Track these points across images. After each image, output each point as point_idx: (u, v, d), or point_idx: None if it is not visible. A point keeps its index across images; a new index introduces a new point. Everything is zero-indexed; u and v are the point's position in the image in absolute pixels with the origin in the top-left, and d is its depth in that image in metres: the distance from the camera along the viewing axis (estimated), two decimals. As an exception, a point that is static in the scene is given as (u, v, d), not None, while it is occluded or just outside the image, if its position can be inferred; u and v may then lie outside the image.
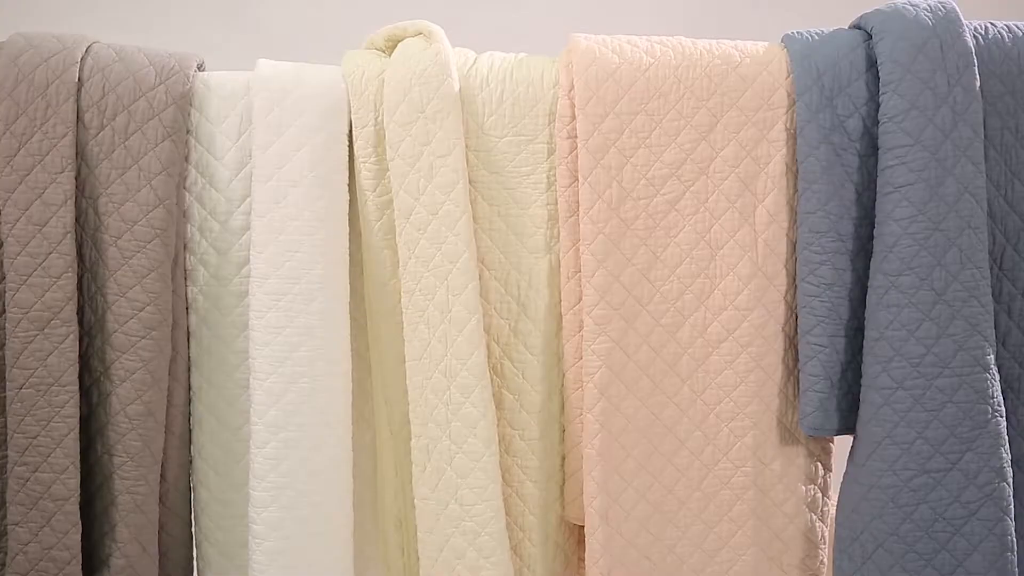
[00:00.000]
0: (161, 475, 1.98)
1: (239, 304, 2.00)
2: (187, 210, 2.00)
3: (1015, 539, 1.85)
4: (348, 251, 1.99)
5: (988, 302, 1.85)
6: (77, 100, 1.89)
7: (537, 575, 2.06)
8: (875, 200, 1.90)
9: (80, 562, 1.87)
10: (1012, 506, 1.84)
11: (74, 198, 1.86)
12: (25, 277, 1.83)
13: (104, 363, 1.91)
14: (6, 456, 1.87)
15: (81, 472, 1.89)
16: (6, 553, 1.88)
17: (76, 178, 1.88)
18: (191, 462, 2.06)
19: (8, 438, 1.85)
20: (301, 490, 1.90)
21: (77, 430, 1.85)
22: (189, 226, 2.01)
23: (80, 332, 1.91)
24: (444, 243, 1.93)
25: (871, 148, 1.92)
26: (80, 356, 1.90)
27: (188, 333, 2.02)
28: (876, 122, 1.91)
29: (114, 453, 1.90)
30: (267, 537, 1.90)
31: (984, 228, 1.86)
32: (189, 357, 2.03)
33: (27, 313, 1.83)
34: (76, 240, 1.88)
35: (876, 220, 1.89)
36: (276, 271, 1.91)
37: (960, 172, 1.84)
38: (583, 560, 2.08)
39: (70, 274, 1.85)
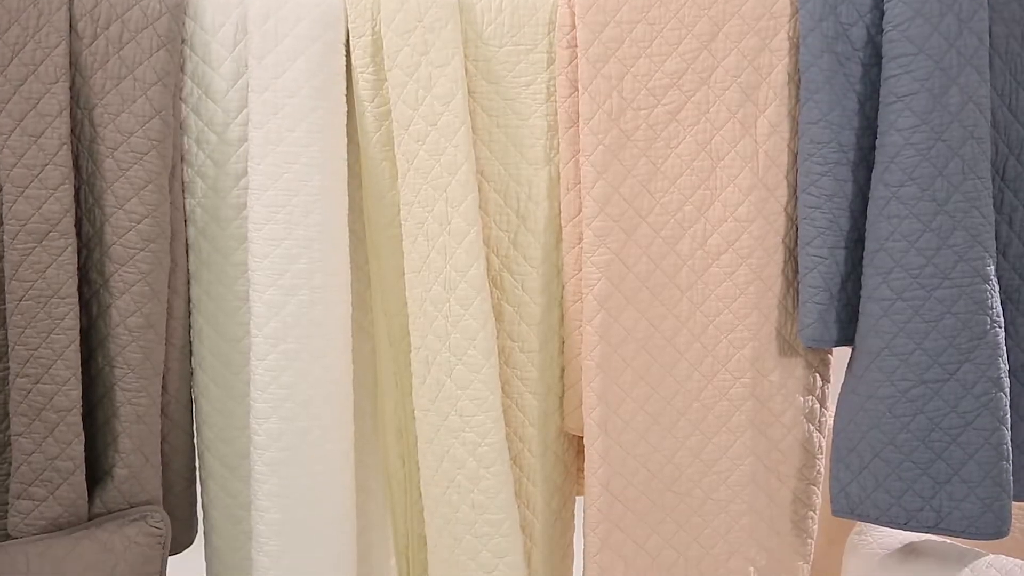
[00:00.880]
0: (162, 387, 1.99)
1: (237, 216, 1.99)
2: (184, 121, 1.98)
3: (1010, 448, 1.86)
4: (346, 163, 1.97)
5: (989, 213, 1.84)
6: (70, 9, 1.86)
7: (537, 485, 2.08)
8: (878, 110, 1.88)
9: (84, 472, 1.89)
10: (1008, 416, 1.85)
11: (69, 109, 1.85)
12: (22, 189, 1.82)
13: (103, 275, 1.91)
14: (7, 368, 1.88)
15: (82, 384, 1.90)
16: (10, 464, 1.89)
17: (70, 88, 1.86)
18: (192, 374, 2.08)
19: (9, 350, 1.85)
20: (301, 401, 1.91)
21: (78, 342, 1.86)
22: (186, 138, 1.99)
23: (78, 245, 1.90)
24: (443, 154, 1.91)
25: (875, 57, 1.90)
26: (79, 269, 1.90)
27: (187, 246, 2.01)
28: (880, 31, 1.88)
29: (115, 365, 1.91)
30: (268, 448, 1.92)
31: (987, 138, 1.84)
32: (188, 269, 2.03)
33: (25, 225, 1.82)
34: (72, 152, 1.87)
35: (878, 130, 1.87)
36: (274, 183, 1.90)
37: (964, 81, 1.82)
38: (582, 470, 2.10)
39: (67, 186, 1.84)
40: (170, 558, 1.99)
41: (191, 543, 2.18)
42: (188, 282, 2.03)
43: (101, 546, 1.87)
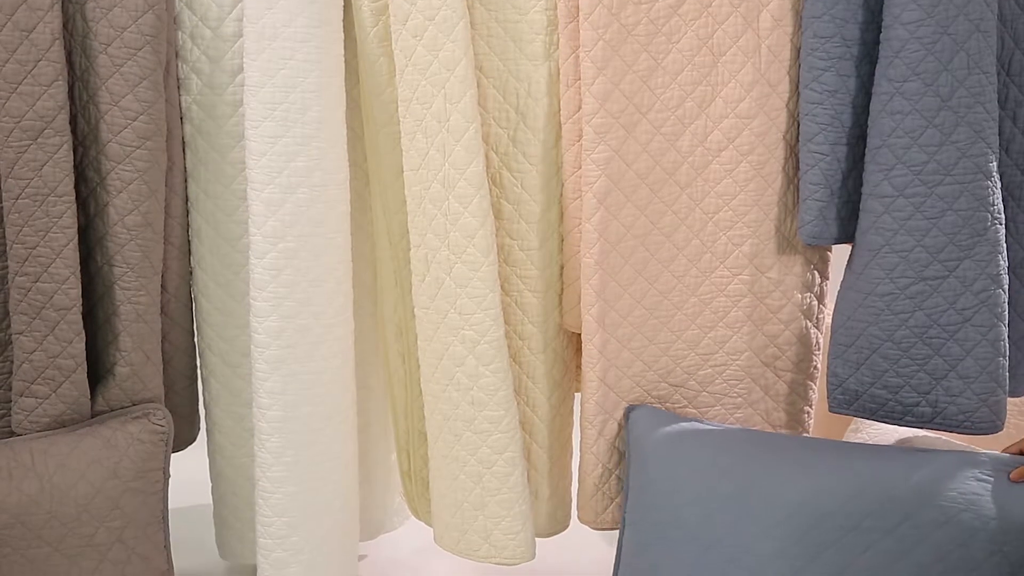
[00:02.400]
0: (162, 286, 2.00)
1: (234, 114, 1.97)
2: (177, 16, 1.95)
3: (1007, 345, 1.87)
4: (343, 59, 1.95)
5: (994, 108, 1.82)
6: (58, -101, 1.82)
7: (536, 382, 2.09)
8: (882, 3, 1.84)
9: (85, 370, 1.90)
10: (1006, 313, 1.86)
11: (60, 2, 1.81)
12: (15, 85, 1.79)
13: (100, 174, 1.90)
14: (6, 267, 1.88)
15: (82, 283, 1.90)
16: (11, 363, 1.90)
17: (61, -18, 1.83)
18: (191, 273, 2.08)
19: (7, 249, 1.85)
20: (301, 299, 1.91)
21: (76, 240, 1.85)
22: (180, 33, 1.96)
23: (74, 143, 1.89)
24: (441, 50, 1.88)
25: (880, -51, 1.86)
26: (75, 167, 1.88)
27: (183, 143, 2.00)
28: (886, -78, 1.84)
29: (114, 264, 1.91)
30: (268, 346, 1.92)
31: (993, 32, 1.81)
32: (185, 168, 2.02)
33: (19, 122, 1.80)
34: (65, 48, 1.84)
35: (883, 24, 1.84)
36: (270, 80, 1.87)
37: (971, -28, 1.79)
38: (580, 368, 2.11)
39: (60, 82, 1.81)
40: (173, 455, 2.01)
41: (194, 440, 2.20)
42: (185, 181, 2.02)
43: (104, 443, 1.89)
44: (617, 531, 2.13)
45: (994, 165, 1.82)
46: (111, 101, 1.85)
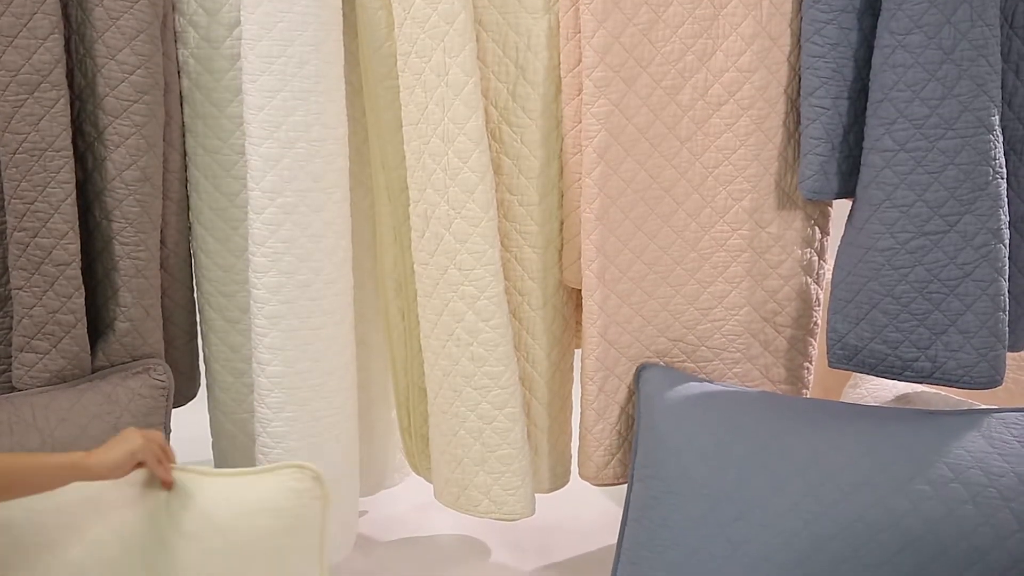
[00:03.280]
0: (161, 241, 1.99)
1: (232, 68, 1.96)
2: (174, -31, 1.94)
3: (1007, 300, 1.87)
4: (341, 12, 1.93)
5: (996, 61, 1.80)
6: None
7: (536, 338, 2.09)
8: (885, -43, 1.83)
9: (85, 325, 1.90)
10: (1007, 267, 1.85)
11: (55, -46, 1.80)
12: (11, 39, 1.78)
13: (97, 128, 1.89)
14: (4, 222, 1.87)
15: (81, 238, 1.90)
16: (11, 318, 1.90)
17: (56, -66, 1.81)
18: (190, 228, 2.07)
19: (6, 203, 1.84)
20: (300, 255, 1.91)
21: (74, 195, 1.85)
22: (177, -14, 1.95)
23: (71, 96, 1.88)
24: (440, 3, 1.87)
25: (883, -101, 1.84)
26: (72, 121, 1.87)
27: (180, 98, 1.99)
28: None
29: (112, 219, 1.90)
30: (268, 301, 1.92)
31: (997, -16, 1.80)
32: (183, 122, 2.00)
33: (15, 76, 1.79)
34: (61, 0, 1.82)
35: (885, -24, 1.83)
36: (268, 33, 1.86)
37: (974, -79, 1.77)
38: (580, 323, 2.11)
39: (56, 35, 1.80)
40: (173, 410, 2.02)
41: (194, 396, 2.21)
42: (183, 135, 2.01)
43: (105, 398, 1.89)
44: (617, 487, 2.14)
45: (996, 119, 1.81)
46: (108, 55, 1.84)
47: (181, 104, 1.99)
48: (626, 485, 2.01)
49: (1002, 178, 1.83)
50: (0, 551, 1.56)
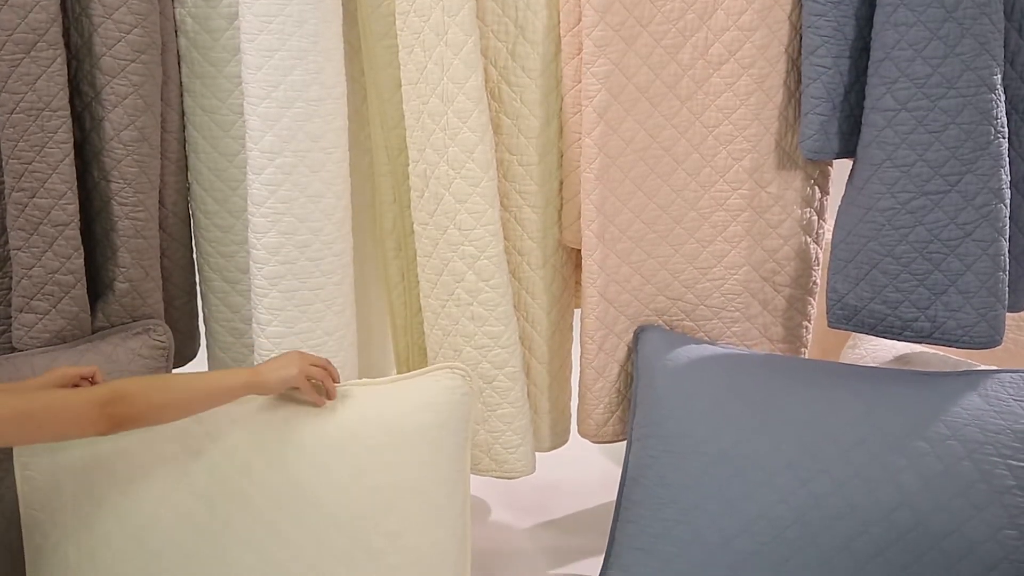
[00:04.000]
0: (160, 201, 1.99)
1: (229, 27, 1.95)
2: (170, -75, 1.92)
3: (1007, 259, 1.87)
4: (339, -29, 1.92)
5: (999, 20, 1.79)
6: None
7: (536, 298, 2.09)
8: (888, -87, 1.81)
9: (85, 286, 1.90)
10: (1007, 227, 1.85)
11: (49, -89, 1.78)
12: (6, -3, 1.77)
13: (94, 88, 1.88)
14: (2, 182, 1.87)
15: (79, 199, 1.89)
16: (11, 278, 1.90)
17: None
18: (189, 188, 2.07)
19: (3, 164, 1.83)
20: (299, 215, 1.90)
21: (72, 155, 1.84)
22: (173, -57, 1.94)
23: (68, 56, 1.86)
24: (438, -40, 1.86)
25: None
26: (69, 81, 1.86)
27: (178, 57, 1.98)
28: None
29: (111, 179, 1.90)
30: (267, 262, 1.92)
31: (1000, -59, 1.78)
32: (181, 82, 1.99)
33: (11, 35, 1.78)
34: (56, -42, 1.81)
35: (888, -67, 1.81)
36: (265, -9, 1.84)
37: None
38: (580, 283, 2.11)
39: (52, -7, 1.79)
40: (174, 370, 2.02)
41: (194, 356, 2.21)
42: (181, 95, 2.00)
43: (105, 358, 1.89)
44: (615, 444, 2.15)
45: (998, 78, 1.80)
46: (104, 13, 1.83)
47: (179, 64, 1.98)
48: (625, 444, 2.02)
49: (1004, 137, 1.82)
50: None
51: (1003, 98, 1.82)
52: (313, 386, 1.73)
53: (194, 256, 2.12)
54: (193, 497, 1.69)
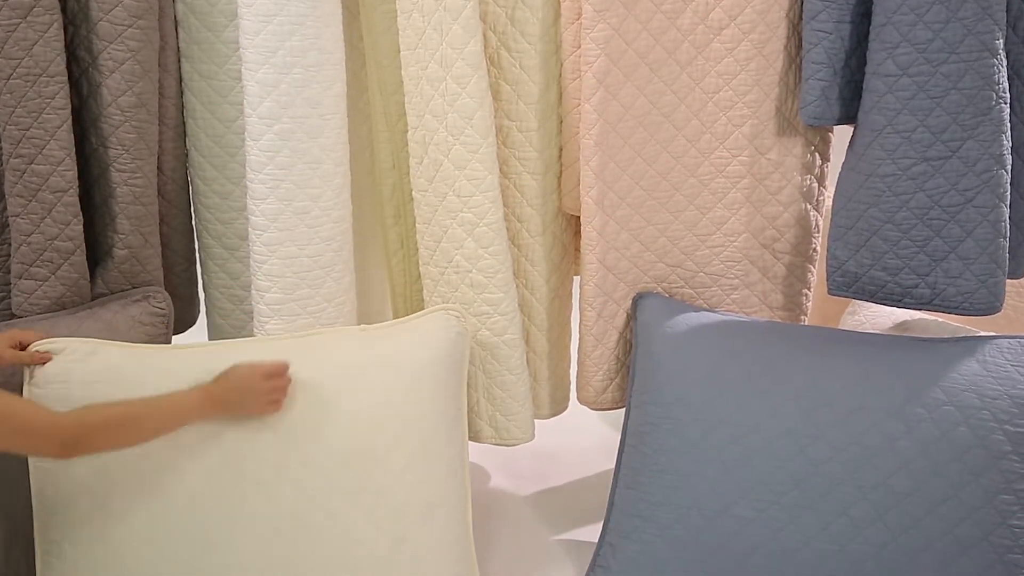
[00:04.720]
0: (158, 167, 1.98)
1: (227, -9, 1.94)
2: None
3: (1008, 226, 1.86)
4: (337, -66, 1.91)
5: (1001, -18, 1.78)
6: None
7: (535, 265, 2.09)
8: None
9: (84, 252, 1.90)
10: (1008, 193, 1.84)
11: None
12: (2, -38, 1.76)
13: (91, 54, 1.87)
14: (0, 149, 1.86)
15: (78, 165, 1.88)
16: (9, 245, 1.90)
17: None
18: (187, 155, 2.06)
19: (1, 130, 1.83)
20: (298, 181, 1.90)
21: (70, 121, 1.83)
22: (169, -93, 1.92)
23: (64, 21, 1.85)
24: (437, -76, 1.84)
25: None
26: (66, 46, 1.85)
27: (175, 22, 1.97)
28: None
29: (109, 145, 1.89)
30: (266, 228, 1.91)
31: (1003, -97, 1.76)
32: (178, 48, 1.98)
33: (7, 0, 1.77)
34: (52, -78, 1.80)
35: None
36: (263, -44, 1.83)
37: None
38: (579, 250, 2.11)
39: (48, -42, 1.78)
40: (174, 337, 2.02)
41: (194, 323, 2.21)
42: (179, 60, 1.99)
43: (105, 325, 1.89)
44: (614, 411, 2.15)
45: (1000, 42, 1.79)
46: (101, -22, 1.82)
47: (176, 29, 1.97)
48: (624, 411, 2.02)
49: (1005, 103, 1.81)
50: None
51: (1005, 63, 1.81)
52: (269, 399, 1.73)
53: (193, 223, 2.11)
54: (208, 439, 1.73)
